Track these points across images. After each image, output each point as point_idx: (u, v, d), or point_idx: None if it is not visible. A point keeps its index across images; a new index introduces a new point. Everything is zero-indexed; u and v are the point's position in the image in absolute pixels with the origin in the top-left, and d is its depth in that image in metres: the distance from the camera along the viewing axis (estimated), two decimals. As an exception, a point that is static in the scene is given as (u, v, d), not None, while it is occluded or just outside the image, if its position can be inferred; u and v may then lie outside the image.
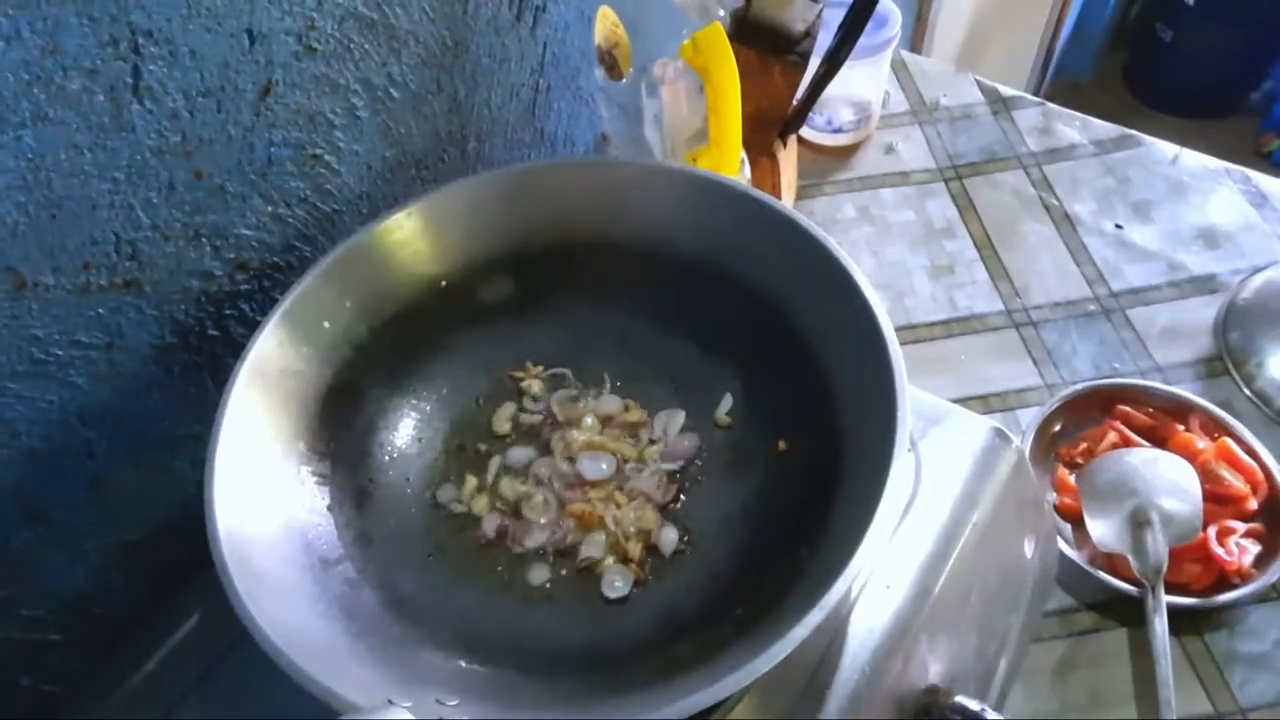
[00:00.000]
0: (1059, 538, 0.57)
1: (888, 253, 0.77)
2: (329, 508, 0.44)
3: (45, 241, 0.39)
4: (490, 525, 0.45)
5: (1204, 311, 0.72)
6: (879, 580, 0.44)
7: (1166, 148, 0.82)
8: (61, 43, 0.36)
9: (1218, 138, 2.03)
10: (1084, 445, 0.63)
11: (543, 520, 0.46)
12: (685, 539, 0.45)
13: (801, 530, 0.41)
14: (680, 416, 0.49)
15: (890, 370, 0.41)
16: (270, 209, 0.48)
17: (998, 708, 0.49)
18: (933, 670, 0.44)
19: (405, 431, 0.49)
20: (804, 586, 0.38)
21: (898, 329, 0.71)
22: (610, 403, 0.50)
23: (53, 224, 0.39)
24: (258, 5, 0.42)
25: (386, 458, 0.48)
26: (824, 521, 0.40)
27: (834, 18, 0.65)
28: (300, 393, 0.45)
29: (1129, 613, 0.56)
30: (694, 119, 0.59)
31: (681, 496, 0.46)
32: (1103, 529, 0.58)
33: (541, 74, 0.62)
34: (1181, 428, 0.63)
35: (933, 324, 0.73)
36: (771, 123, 0.68)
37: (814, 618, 0.34)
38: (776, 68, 0.64)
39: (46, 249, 0.39)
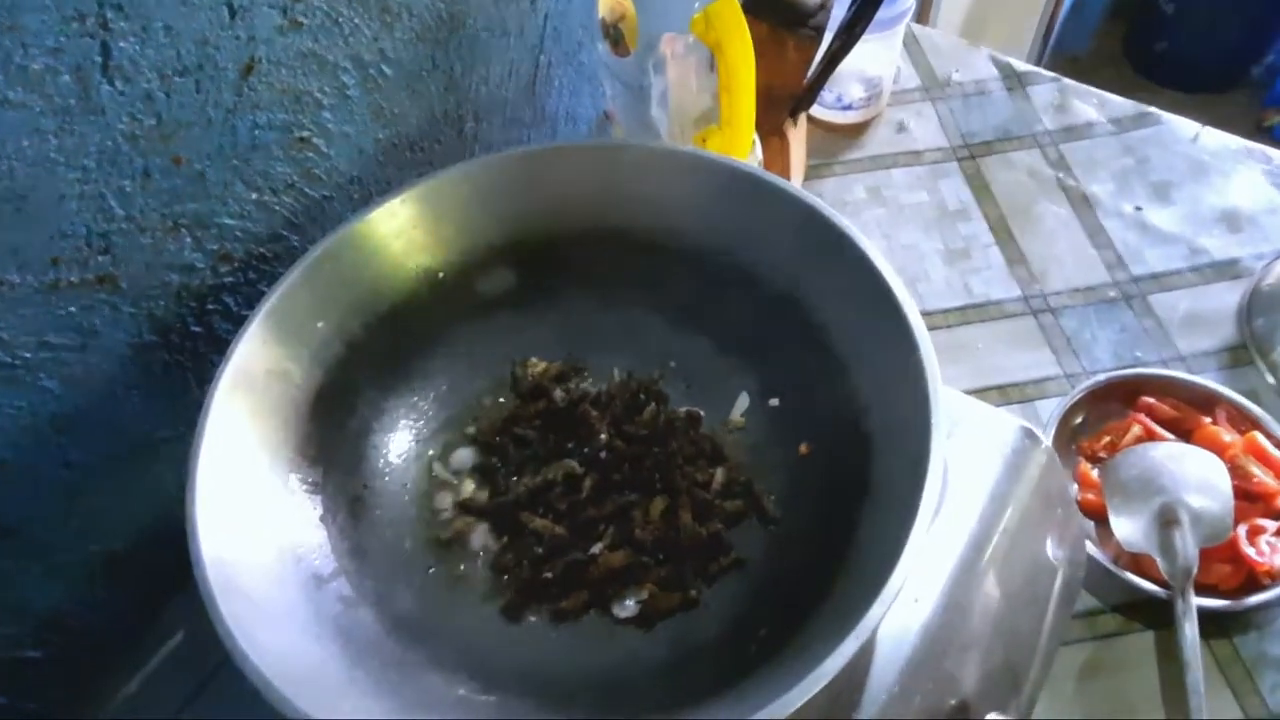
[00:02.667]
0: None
1: (900, 236, 0.74)
2: (321, 519, 0.41)
3: (8, 237, 0.36)
4: (490, 536, 0.43)
5: (1227, 297, 0.69)
6: (906, 593, 0.41)
7: (1187, 126, 0.79)
8: (21, 18, 0.32)
9: (1219, 112, 1.99)
10: (1107, 439, 0.61)
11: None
12: (702, 550, 0.42)
13: (828, 544, 0.38)
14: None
15: (921, 372, 0.39)
16: (255, 196, 0.45)
17: (1025, 716, 0.47)
18: (962, 685, 0.42)
19: (401, 433, 0.46)
20: (832, 607, 0.35)
21: (911, 317, 0.69)
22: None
23: (17, 217, 0.35)
24: (237, -25, 0.39)
25: (381, 462, 0.45)
26: (852, 535, 0.38)
27: (848, -11, 0.62)
28: (289, 395, 0.42)
29: (1156, 614, 0.54)
30: (703, 97, 0.55)
31: (697, 504, 0.44)
32: (1129, 528, 0.55)
33: (542, 49, 0.59)
34: (1208, 420, 0.61)
35: (948, 311, 0.70)
36: (783, 100, 0.65)
37: (848, 647, 0.31)
38: (790, 42, 0.60)
39: (10, 245, 0.36)
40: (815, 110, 0.80)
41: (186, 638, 0.44)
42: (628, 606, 0.40)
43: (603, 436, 0.44)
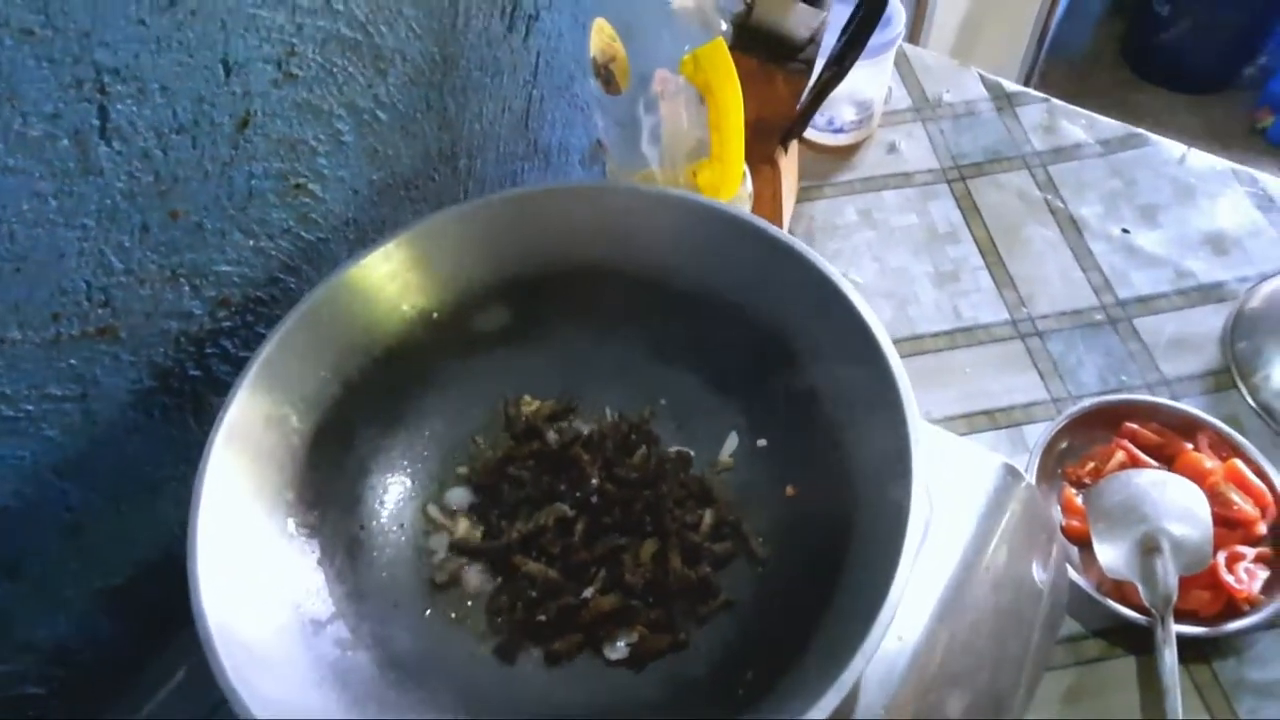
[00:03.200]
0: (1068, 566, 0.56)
1: (890, 259, 0.75)
2: (319, 562, 0.42)
3: (9, 296, 0.36)
4: (484, 578, 0.44)
5: (1211, 320, 0.70)
6: (891, 632, 0.42)
7: (1173, 147, 0.80)
8: (19, 88, 0.33)
9: (1213, 112, 2.01)
10: (1091, 465, 0.62)
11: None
12: (691, 592, 0.43)
13: (814, 587, 0.39)
14: (689, 457, 0.47)
15: (902, 419, 0.40)
16: (252, 243, 0.45)
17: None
18: (947, 717, 0.43)
19: (398, 474, 0.47)
20: (817, 655, 0.36)
21: (901, 340, 0.70)
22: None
23: (16, 277, 0.36)
24: (233, 34, 0.39)
25: (378, 503, 0.46)
26: (837, 579, 0.39)
27: (840, 14, 0.63)
28: (286, 440, 0.43)
29: (1137, 640, 0.56)
30: (694, 131, 0.56)
31: (686, 545, 0.45)
32: (1111, 555, 0.56)
33: (535, 84, 0.59)
34: (1190, 446, 0.62)
35: (937, 334, 0.71)
36: (773, 130, 0.66)
37: (829, 701, 0.32)
38: (779, 76, 0.61)
39: (10, 304, 0.37)
40: (807, 132, 0.80)
41: (188, 674, 0.45)
42: (619, 648, 0.41)
43: (594, 480, 0.45)
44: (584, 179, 0.70)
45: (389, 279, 0.47)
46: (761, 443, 0.47)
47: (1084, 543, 0.59)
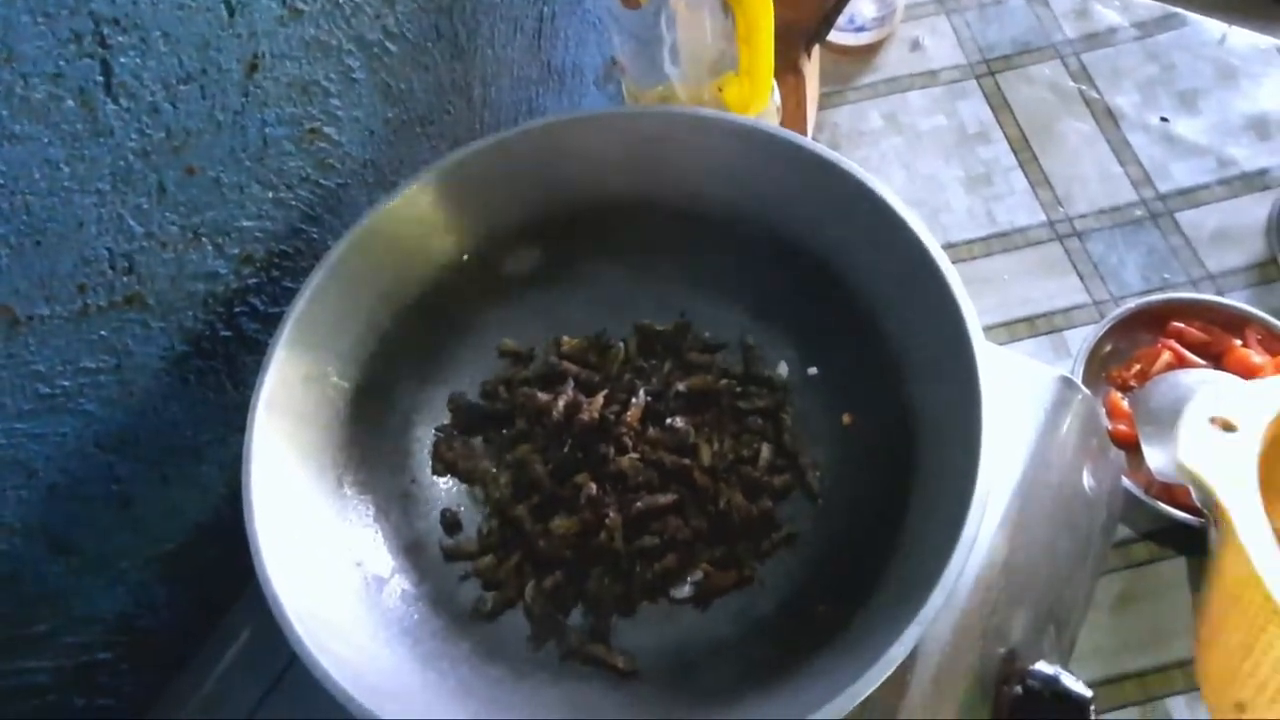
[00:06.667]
0: (1117, 470, 0.55)
1: (920, 165, 0.72)
2: (374, 518, 0.42)
3: (33, 271, 0.35)
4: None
5: (1256, 211, 0.68)
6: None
7: (1213, 27, 0.76)
8: (16, 47, 0.31)
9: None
10: (1137, 367, 0.61)
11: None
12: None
13: (879, 518, 0.39)
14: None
15: (965, 339, 0.39)
16: (271, 194, 0.43)
17: (1067, 656, 0.49)
18: (1011, 635, 0.43)
19: (442, 423, 0.46)
20: (893, 584, 0.36)
21: (935, 250, 0.68)
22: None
23: (38, 251, 0.35)
24: (233, -30, 0.36)
25: (424, 454, 0.45)
26: (905, 510, 0.38)
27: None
28: (329, 398, 0.42)
29: (1186, 541, 0.56)
30: (718, 44, 0.53)
31: (743, 479, 0.44)
32: (1161, 458, 0.56)
33: (545, 1, 0.56)
34: (1238, 342, 0.60)
35: (971, 241, 0.69)
36: (797, 36, 0.62)
37: (912, 634, 0.32)
38: (804, -24, 0.58)
39: (35, 279, 0.35)
40: (826, 34, 0.76)
41: (253, 636, 0.45)
42: (684, 587, 0.41)
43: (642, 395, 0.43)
44: (600, 100, 0.67)
45: (415, 222, 0.45)
46: (812, 371, 0.46)
47: (1131, 447, 0.58)
